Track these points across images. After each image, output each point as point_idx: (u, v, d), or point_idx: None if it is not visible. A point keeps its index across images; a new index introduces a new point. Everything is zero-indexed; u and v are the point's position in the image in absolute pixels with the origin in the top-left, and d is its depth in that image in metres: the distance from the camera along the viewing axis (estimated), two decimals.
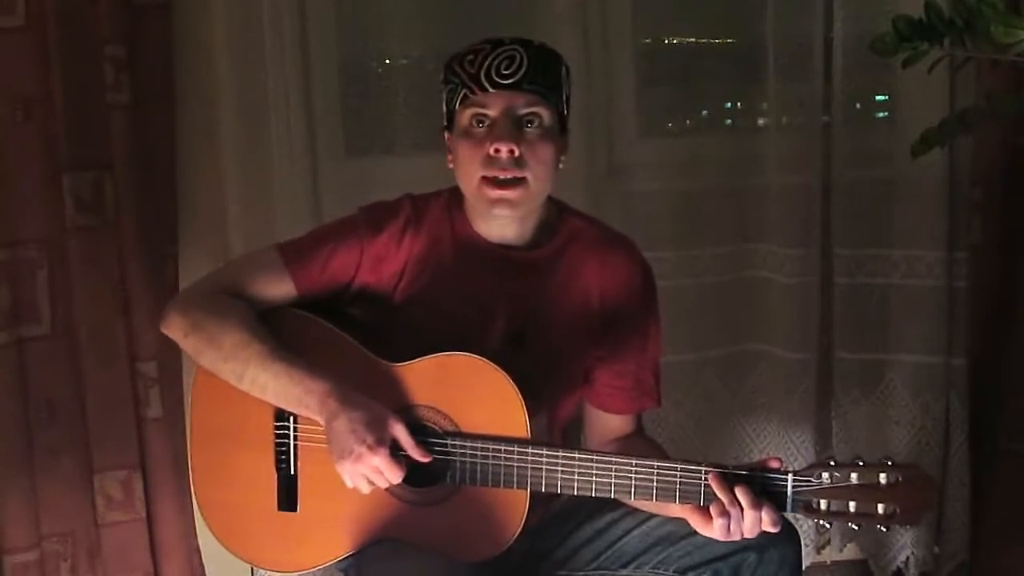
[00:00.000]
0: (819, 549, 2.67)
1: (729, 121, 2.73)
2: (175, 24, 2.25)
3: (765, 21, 2.44)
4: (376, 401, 1.60)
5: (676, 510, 1.59)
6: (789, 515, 1.55)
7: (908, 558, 2.61)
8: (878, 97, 2.59)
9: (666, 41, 2.63)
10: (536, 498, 1.62)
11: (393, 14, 2.42)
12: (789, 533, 1.64)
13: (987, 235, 2.48)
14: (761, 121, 2.60)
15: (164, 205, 2.28)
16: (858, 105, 2.55)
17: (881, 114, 2.60)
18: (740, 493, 1.50)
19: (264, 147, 2.30)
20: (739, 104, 2.68)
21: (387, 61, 2.48)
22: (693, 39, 2.67)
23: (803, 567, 1.71)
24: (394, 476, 1.56)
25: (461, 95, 1.64)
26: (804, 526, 2.61)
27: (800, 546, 1.67)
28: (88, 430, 2.28)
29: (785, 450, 2.58)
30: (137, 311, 2.26)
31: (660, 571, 1.69)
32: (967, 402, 2.54)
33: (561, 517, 1.76)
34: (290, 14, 2.30)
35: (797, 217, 2.49)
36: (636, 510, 1.71)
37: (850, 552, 2.68)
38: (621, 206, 2.45)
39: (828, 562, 2.70)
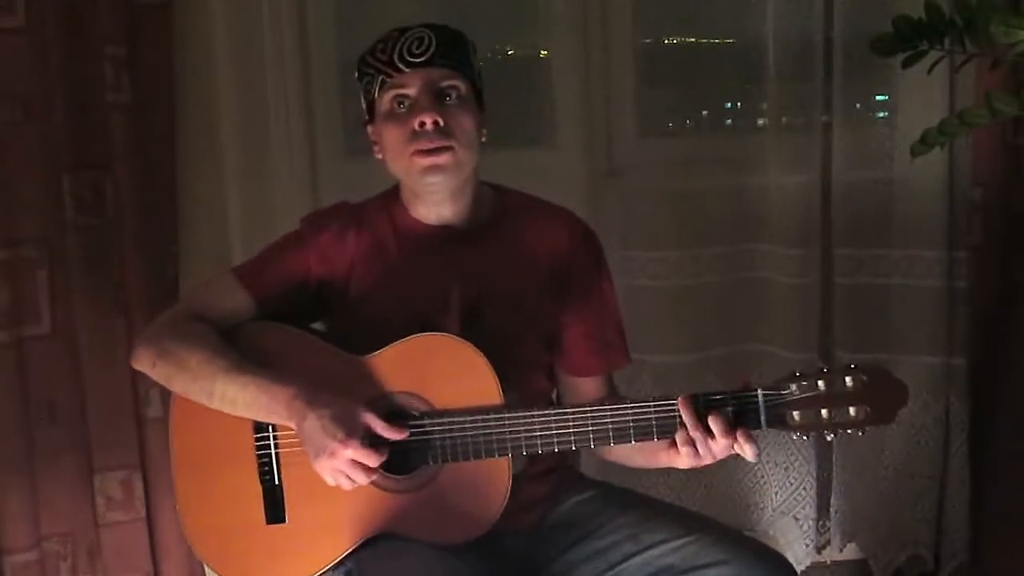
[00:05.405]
0: (819, 549, 2.67)
1: (729, 121, 2.74)
2: (175, 24, 2.25)
3: (765, 21, 2.44)
4: (348, 394, 1.62)
5: (658, 452, 1.63)
6: (765, 433, 1.58)
7: (908, 558, 2.61)
8: (878, 97, 2.59)
9: (666, 41, 2.63)
10: (520, 482, 1.64)
11: (393, 14, 2.41)
12: (786, 567, 1.65)
13: (987, 235, 2.48)
14: (761, 121, 2.60)
15: (164, 205, 2.28)
16: (858, 105, 2.55)
17: (881, 114, 2.60)
18: (713, 422, 1.55)
19: (264, 147, 2.30)
20: (739, 104, 2.68)
21: None
22: (693, 39, 2.67)
23: None
24: (371, 462, 1.57)
25: (379, 81, 1.70)
26: (804, 526, 2.61)
27: None
28: (88, 430, 2.28)
29: (785, 450, 2.58)
30: (137, 311, 2.26)
31: None
32: (967, 402, 2.54)
33: (561, 528, 1.76)
34: (290, 14, 2.30)
35: (797, 217, 2.49)
36: (638, 535, 1.69)
37: (850, 552, 2.67)
38: (621, 206, 2.46)
39: (828, 562, 2.69)
